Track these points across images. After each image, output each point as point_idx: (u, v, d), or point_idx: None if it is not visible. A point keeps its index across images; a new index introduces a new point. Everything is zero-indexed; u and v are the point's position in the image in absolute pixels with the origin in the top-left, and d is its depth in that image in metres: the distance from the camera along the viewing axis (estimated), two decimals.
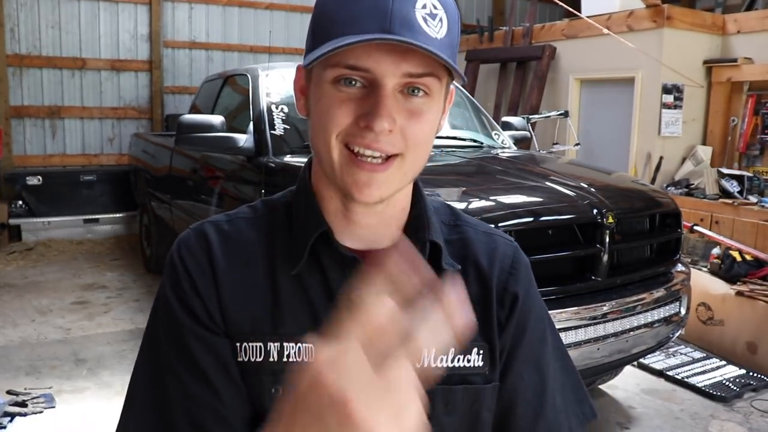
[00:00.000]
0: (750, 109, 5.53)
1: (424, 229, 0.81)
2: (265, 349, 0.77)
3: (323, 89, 0.72)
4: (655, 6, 5.51)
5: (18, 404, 2.98)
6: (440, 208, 0.89)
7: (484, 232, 0.88)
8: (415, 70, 0.69)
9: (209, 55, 7.52)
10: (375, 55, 0.68)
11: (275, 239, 0.81)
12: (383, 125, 0.69)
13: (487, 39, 7.43)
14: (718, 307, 3.86)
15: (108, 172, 6.82)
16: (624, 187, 3.13)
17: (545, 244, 2.51)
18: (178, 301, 0.77)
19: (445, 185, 2.73)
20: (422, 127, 0.72)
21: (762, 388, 3.43)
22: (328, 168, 0.74)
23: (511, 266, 0.85)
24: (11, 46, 6.58)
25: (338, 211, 0.79)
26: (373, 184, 0.72)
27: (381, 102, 0.69)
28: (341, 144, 0.72)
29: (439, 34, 0.70)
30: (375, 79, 0.69)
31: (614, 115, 6.00)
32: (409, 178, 0.77)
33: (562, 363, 0.89)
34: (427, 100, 0.72)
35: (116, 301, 4.65)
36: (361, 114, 0.70)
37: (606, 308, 2.54)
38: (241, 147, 3.29)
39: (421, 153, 0.75)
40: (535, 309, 0.87)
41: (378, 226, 0.80)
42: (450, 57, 0.71)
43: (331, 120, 0.71)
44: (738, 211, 4.85)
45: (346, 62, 0.69)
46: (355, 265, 0.77)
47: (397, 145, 0.71)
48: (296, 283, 0.78)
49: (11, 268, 5.55)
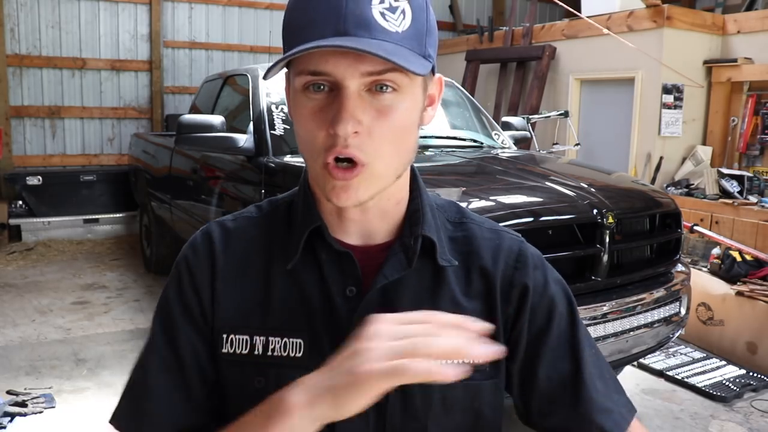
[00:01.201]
0: (750, 109, 5.53)
1: (418, 224, 0.81)
2: (251, 343, 0.80)
3: (297, 98, 0.74)
4: (655, 6, 5.51)
5: (18, 404, 2.98)
6: (446, 205, 0.89)
7: (489, 229, 0.88)
8: (374, 69, 0.69)
9: (209, 55, 7.52)
10: (332, 59, 0.69)
11: (274, 236, 0.84)
12: (346, 129, 0.69)
13: (487, 39, 7.43)
14: (718, 307, 3.86)
15: (108, 172, 6.82)
16: (624, 187, 3.13)
17: (545, 244, 2.51)
18: (176, 296, 0.82)
19: (445, 185, 2.73)
20: (392, 124, 0.72)
21: (762, 388, 3.43)
22: (314, 175, 0.77)
23: (516, 261, 0.85)
24: (11, 46, 6.58)
25: (332, 209, 0.81)
26: (349, 189, 0.72)
27: (343, 104, 0.69)
28: (322, 157, 0.72)
29: (400, 27, 0.69)
30: (336, 82, 0.70)
31: (614, 115, 5.99)
32: (389, 179, 0.76)
33: (596, 351, 0.87)
34: (396, 96, 0.71)
35: (116, 301, 4.65)
36: (329, 121, 0.70)
37: (606, 308, 2.54)
38: (241, 147, 3.29)
39: (395, 153, 0.74)
40: (558, 296, 0.86)
41: (372, 221, 0.81)
42: (413, 48, 0.70)
43: (309, 135, 0.73)
44: (738, 211, 4.85)
45: (308, 68, 0.70)
46: (349, 260, 0.79)
47: (366, 150, 0.71)
48: (291, 278, 0.81)
49: (11, 268, 5.55)
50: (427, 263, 0.81)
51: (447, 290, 0.81)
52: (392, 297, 0.79)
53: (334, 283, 0.79)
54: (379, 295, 0.79)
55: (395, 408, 0.78)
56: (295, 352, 0.78)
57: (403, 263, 0.79)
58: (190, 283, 0.82)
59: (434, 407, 0.78)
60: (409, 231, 0.81)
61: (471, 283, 0.83)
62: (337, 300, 0.79)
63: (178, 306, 0.82)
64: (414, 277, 0.80)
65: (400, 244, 0.81)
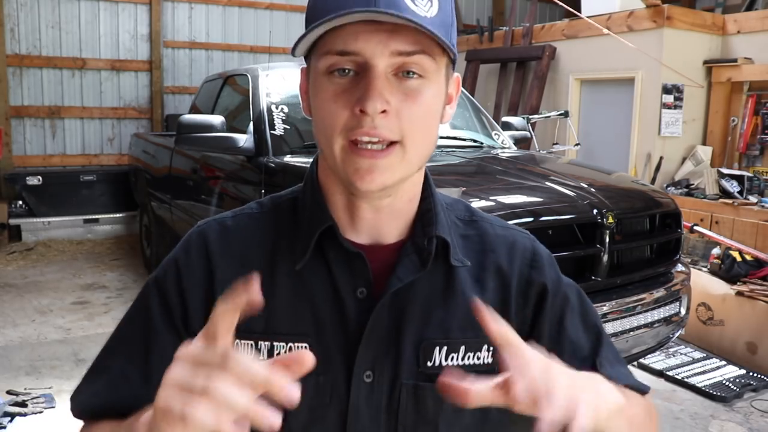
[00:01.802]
0: (750, 109, 5.53)
1: (431, 225, 0.79)
2: (256, 348, 0.77)
3: (319, 82, 0.71)
4: (655, 6, 5.51)
5: (18, 404, 2.98)
6: (454, 204, 0.87)
7: (501, 227, 0.87)
8: (404, 48, 0.68)
9: (209, 55, 7.52)
10: (362, 36, 0.67)
11: (278, 235, 0.81)
12: (375, 106, 0.67)
13: (487, 39, 7.43)
14: (718, 307, 3.86)
15: (108, 172, 6.82)
16: (624, 187, 3.13)
17: (545, 244, 2.50)
18: (157, 292, 0.80)
19: (445, 185, 2.73)
20: (419, 108, 0.70)
21: (762, 388, 3.43)
22: (331, 161, 0.73)
23: (532, 259, 0.85)
24: (11, 46, 6.58)
25: (344, 206, 0.78)
26: (375, 170, 0.70)
27: (371, 83, 0.67)
28: (343, 138, 0.70)
29: (428, 12, 0.68)
30: (365, 62, 0.68)
31: (614, 115, 5.99)
32: (414, 166, 0.74)
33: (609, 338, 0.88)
34: (423, 82, 0.70)
35: (116, 301, 4.65)
36: (356, 101, 0.68)
37: (606, 308, 2.54)
38: (241, 147, 3.29)
39: (423, 138, 0.72)
40: (572, 292, 0.87)
41: (384, 220, 0.78)
42: (441, 34, 0.69)
43: (330, 116, 0.70)
44: (738, 211, 4.85)
45: (335, 48, 0.69)
46: (360, 261, 0.77)
47: (395, 130, 0.69)
48: (297, 279, 0.78)
49: (11, 268, 5.55)
50: (439, 264, 0.79)
51: (459, 292, 0.80)
52: (403, 299, 0.77)
53: (344, 284, 0.77)
54: (392, 298, 0.77)
55: (407, 409, 0.77)
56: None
57: (416, 265, 0.78)
58: (175, 284, 0.79)
59: (445, 408, 0.78)
60: (421, 231, 0.79)
61: (485, 283, 0.82)
62: (347, 302, 0.76)
63: (159, 307, 0.79)
64: (425, 278, 0.78)
65: (412, 245, 0.79)
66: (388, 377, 0.77)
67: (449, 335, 0.79)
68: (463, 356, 0.79)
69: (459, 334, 0.79)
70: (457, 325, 0.79)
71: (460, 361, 0.79)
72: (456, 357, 0.78)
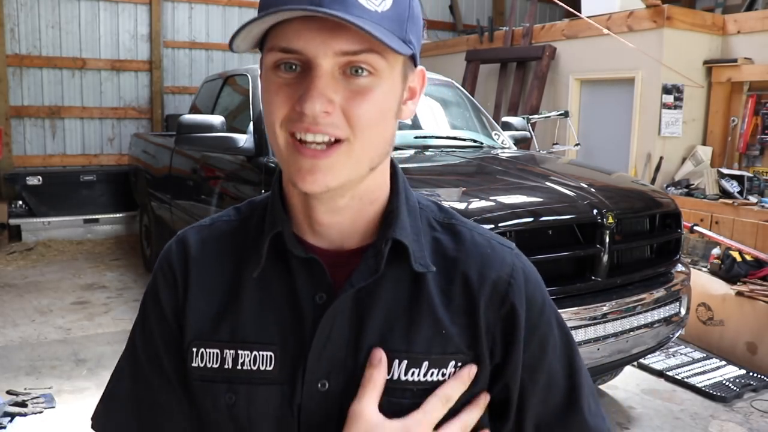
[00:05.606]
0: (750, 110, 5.52)
1: (390, 227, 0.74)
2: (221, 356, 0.75)
3: (267, 77, 0.69)
4: (655, 6, 5.50)
5: (18, 404, 2.98)
6: (428, 206, 0.82)
7: (481, 235, 0.80)
8: (349, 47, 0.64)
9: (209, 55, 7.53)
10: (304, 35, 0.64)
11: (246, 241, 0.79)
12: (314, 108, 0.64)
13: (487, 39, 7.42)
14: (718, 308, 3.86)
15: (108, 172, 6.82)
16: (624, 187, 3.13)
17: (545, 245, 2.51)
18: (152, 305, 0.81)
19: (445, 185, 2.74)
20: (369, 106, 0.66)
21: (762, 388, 3.43)
22: (279, 159, 0.71)
23: (510, 275, 0.78)
24: (11, 46, 6.58)
25: (301, 209, 0.75)
26: (317, 171, 0.67)
27: (312, 83, 0.65)
28: (286, 132, 0.68)
29: (380, 6, 0.65)
30: (308, 60, 0.65)
31: (614, 116, 5.99)
32: (364, 166, 0.70)
33: (586, 372, 0.84)
34: (373, 79, 0.67)
35: (116, 301, 4.65)
36: (297, 98, 0.66)
37: (606, 308, 2.54)
38: (241, 147, 3.29)
39: (373, 137, 0.68)
40: (553, 316, 0.81)
41: (344, 223, 0.75)
42: (393, 30, 0.66)
43: (271, 108, 0.68)
44: (738, 212, 4.85)
45: (279, 45, 0.66)
46: (317, 267, 0.74)
47: (341, 127, 0.66)
48: (260, 286, 0.76)
49: (11, 268, 5.55)
50: (405, 269, 0.75)
51: (426, 301, 0.74)
52: (365, 306, 0.73)
53: (304, 290, 0.74)
54: (353, 304, 0.73)
55: None
56: (265, 366, 0.74)
57: (372, 269, 0.73)
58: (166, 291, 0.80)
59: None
60: (382, 234, 0.74)
61: (452, 294, 0.76)
62: (305, 308, 0.73)
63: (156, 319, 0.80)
64: (390, 284, 0.74)
65: (372, 249, 0.74)
66: (343, 388, 0.73)
67: (411, 348, 0.73)
68: (426, 372, 0.73)
69: (423, 348, 0.73)
70: (422, 337, 0.74)
71: (421, 377, 0.73)
72: (417, 372, 0.73)
